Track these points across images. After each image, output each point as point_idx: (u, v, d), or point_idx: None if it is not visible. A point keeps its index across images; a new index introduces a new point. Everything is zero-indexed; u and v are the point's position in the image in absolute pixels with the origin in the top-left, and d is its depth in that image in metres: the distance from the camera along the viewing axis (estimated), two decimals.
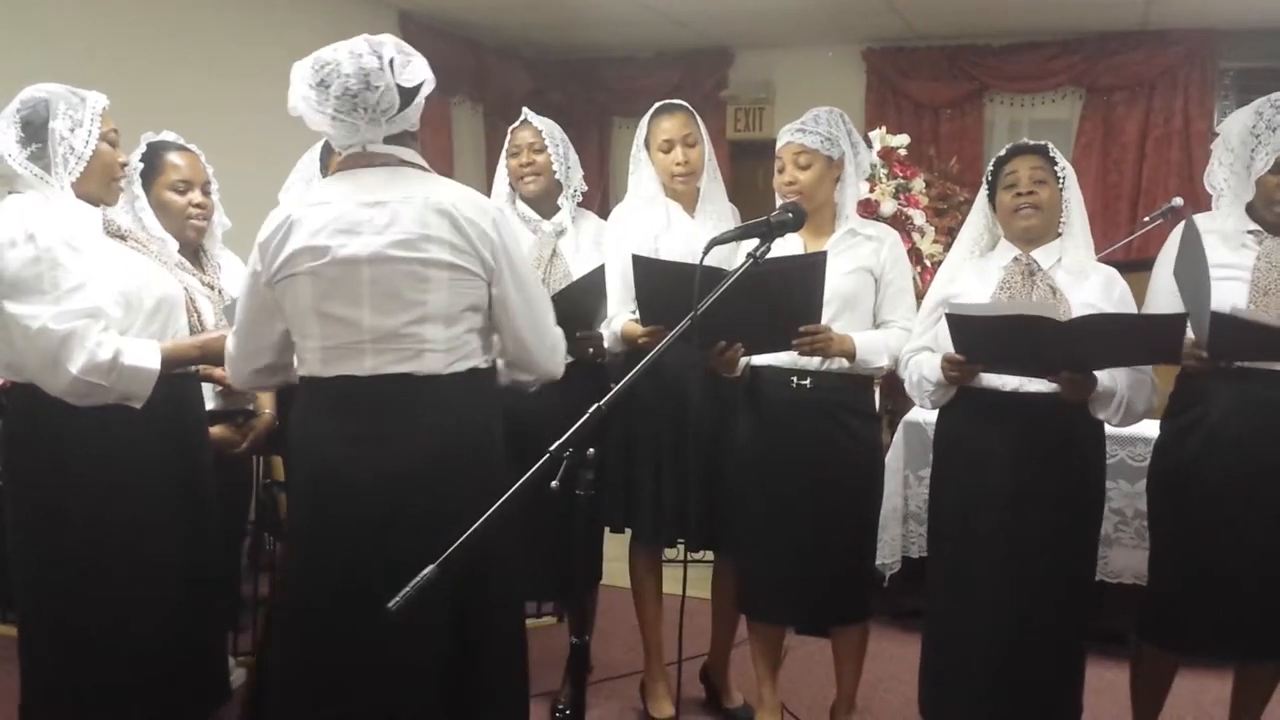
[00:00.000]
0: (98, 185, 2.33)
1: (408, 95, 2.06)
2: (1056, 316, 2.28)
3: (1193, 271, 2.40)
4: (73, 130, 2.26)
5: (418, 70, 2.07)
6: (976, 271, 2.64)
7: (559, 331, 2.30)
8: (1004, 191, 2.58)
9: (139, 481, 2.28)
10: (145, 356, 2.24)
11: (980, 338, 2.38)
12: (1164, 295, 2.54)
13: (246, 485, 3.18)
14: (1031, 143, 2.60)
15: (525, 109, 3.19)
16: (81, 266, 2.18)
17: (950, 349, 2.46)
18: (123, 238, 2.38)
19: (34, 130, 2.24)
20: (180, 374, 2.35)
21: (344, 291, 2.03)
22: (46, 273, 2.15)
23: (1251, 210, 2.51)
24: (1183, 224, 2.51)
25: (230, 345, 2.23)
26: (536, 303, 2.23)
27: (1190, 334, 2.41)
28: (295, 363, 2.19)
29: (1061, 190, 2.55)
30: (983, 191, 2.68)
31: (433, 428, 2.06)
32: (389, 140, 2.08)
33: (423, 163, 2.14)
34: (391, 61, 2.02)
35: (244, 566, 3.38)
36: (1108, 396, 2.45)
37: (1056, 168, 2.55)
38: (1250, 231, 2.49)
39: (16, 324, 2.16)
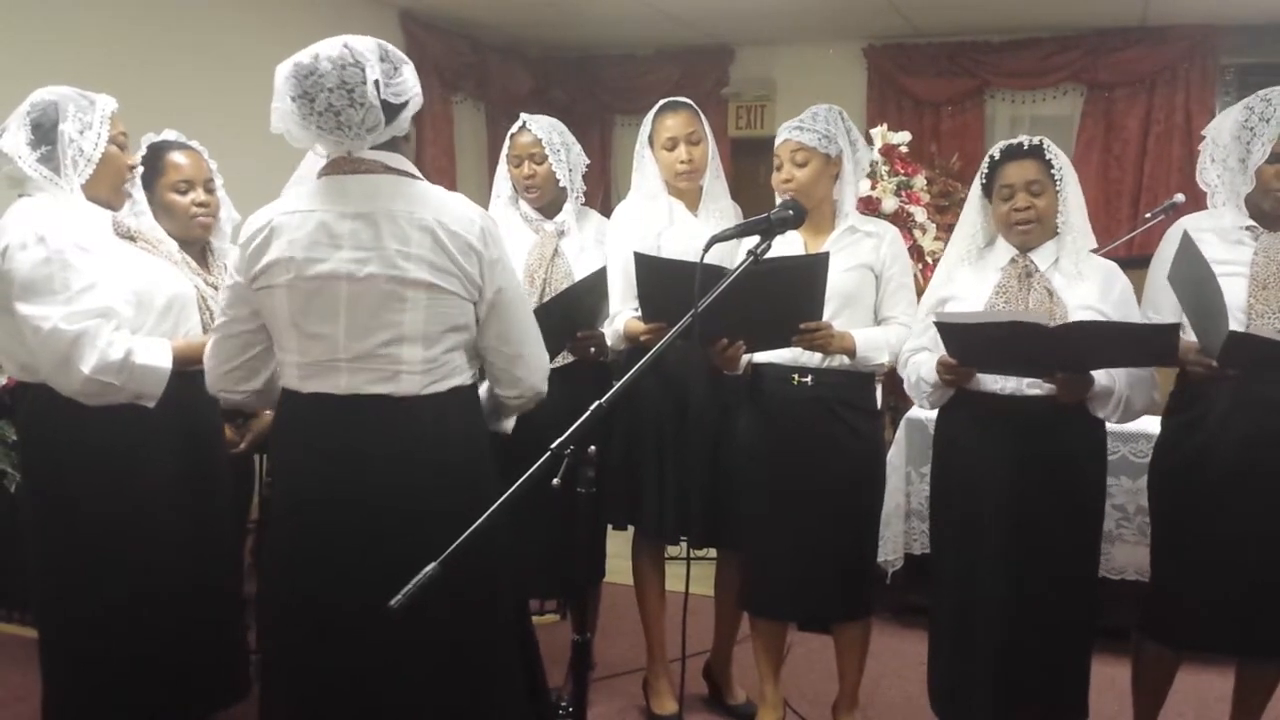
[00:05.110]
0: (107, 188, 2.34)
1: (394, 111, 2.00)
2: (1045, 322, 2.27)
3: (1193, 282, 2.39)
4: (82, 133, 2.27)
5: (405, 86, 2.00)
6: (974, 272, 2.64)
7: (544, 353, 2.24)
8: (1000, 201, 2.56)
9: (150, 480, 2.30)
10: (157, 355, 2.25)
11: (972, 343, 2.39)
12: (1162, 294, 2.54)
13: (248, 485, 3.18)
14: (1026, 143, 2.55)
15: (523, 114, 3.16)
16: (92, 267, 2.19)
17: (942, 356, 2.48)
18: (132, 239, 2.40)
19: (44, 133, 2.25)
20: (194, 372, 2.36)
21: (321, 308, 1.98)
22: (57, 274, 2.16)
23: (1249, 203, 2.50)
24: (1176, 230, 2.50)
25: (208, 347, 2.18)
26: (526, 318, 2.18)
27: (1191, 337, 2.42)
28: (275, 373, 2.14)
29: (1058, 191, 2.53)
30: (976, 191, 2.65)
31: (411, 448, 2.01)
32: (377, 146, 2.03)
33: (411, 169, 2.08)
34: (377, 82, 1.94)
35: (245, 565, 3.38)
36: (1106, 395, 2.46)
37: (1053, 170, 2.52)
38: (1246, 227, 2.49)
39: (27, 325, 2.17)
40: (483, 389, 2.23)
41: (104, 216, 2.33)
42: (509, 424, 2.36)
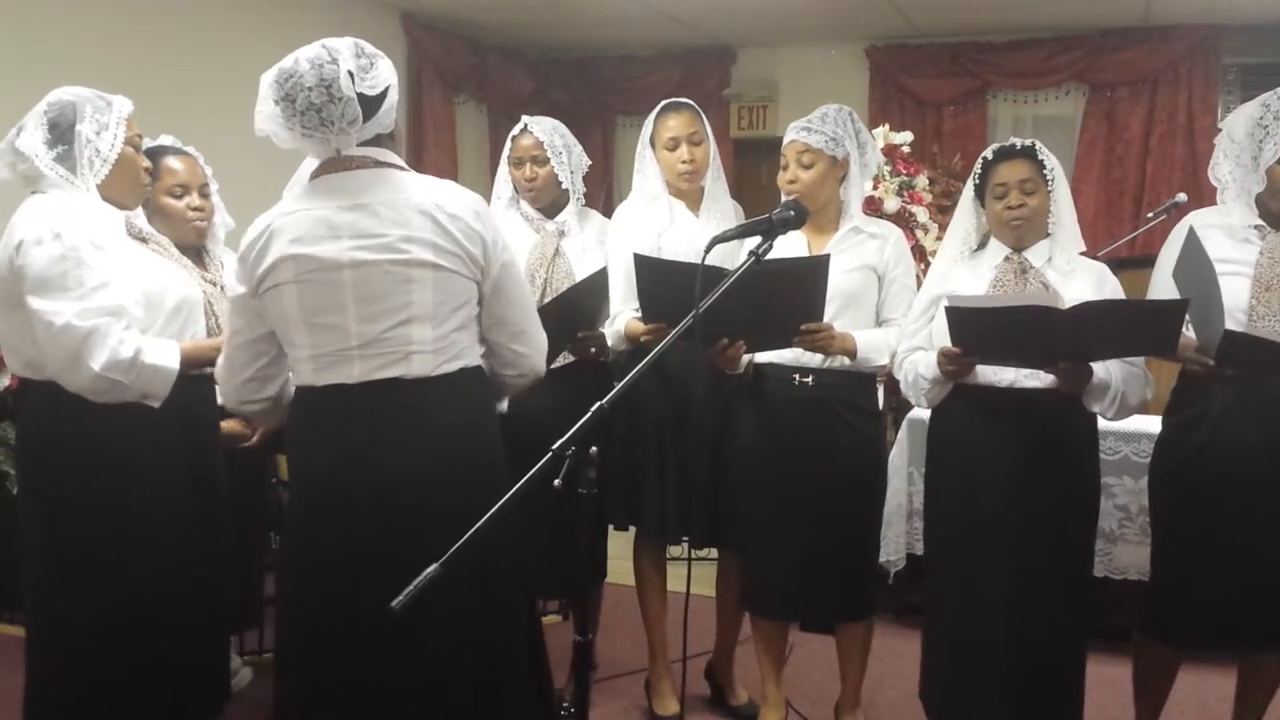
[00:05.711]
0: (121, 189, 2.35)
1: (372, 104, 2.02)
2: (1059, 305, 2.28)
3: (1196, 278, 2.39)
4: (99, 134, 2.28)
5: (381, 77, 2.02)
6: (969, 269, 2.64)
7: (543, 332, 2.29)
8: (994, 201, 2.57)
9: (151, 481, 2.30)
10: (165, 356, 2.26)
11: (980, 330, 2.39)
12: (1163, 293, 2.54)
13: (262, 484, 3.19)
14: (1019, 145, 2.57)
15: (525, 116, 3.17)
16: (105, 266, 2.20)
17: (945, 346, 2.47)
18: (144, 240, 2.41)
19: (60, 132, 2.26)
20: (195, 375, 2.37)
21: (328, 298, 2.00)
22: (71, 270, 2.16)
23: (1259, 203, 2.50)
24: (1183, 227, 2.51)
25: (220, 361, 2.21)
26: (527, 297, 2.23)
27: (1191, 335, 2.42)
28: (289, 373, 2.16)
29: (1050, 191, 2.54)
30: (969, 192, 2.66)
31: (426, 431, 2.03)
32: (363, 144, 2.05)
33: (400, 162, 2.10)
34: (351, 73, 1.97)
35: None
36: (1102, 389, 2.46)
37: (1045, 171, 2.54)
38: (1255, 226, 2.49)
39: (39, 320, 2.17)
40: None
41: (117, 217, 2.34)
42: (504, 405, 2.39)
